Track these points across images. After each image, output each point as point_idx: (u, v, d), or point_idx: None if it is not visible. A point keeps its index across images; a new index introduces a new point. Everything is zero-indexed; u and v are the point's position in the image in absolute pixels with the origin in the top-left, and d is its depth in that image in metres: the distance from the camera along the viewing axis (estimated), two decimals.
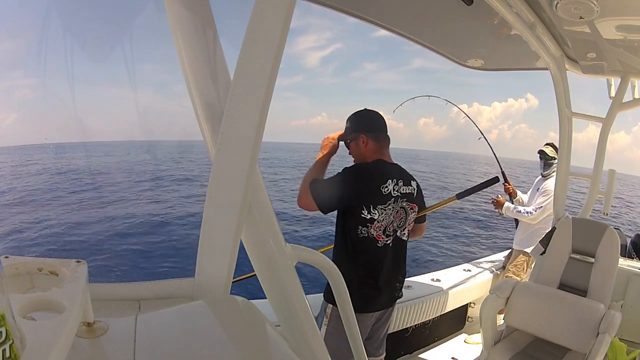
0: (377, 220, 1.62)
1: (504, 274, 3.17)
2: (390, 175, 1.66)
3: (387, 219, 1.65)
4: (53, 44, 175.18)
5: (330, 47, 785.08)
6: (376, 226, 1.62)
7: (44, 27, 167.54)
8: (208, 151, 0.69)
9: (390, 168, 1.71)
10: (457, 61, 2.52)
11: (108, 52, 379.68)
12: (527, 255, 3.10)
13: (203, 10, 0.67)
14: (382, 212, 1.62)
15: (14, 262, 0.44)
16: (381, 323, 1.83)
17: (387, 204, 1.63)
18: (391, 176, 1.66)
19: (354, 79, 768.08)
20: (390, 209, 1.65)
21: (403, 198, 1.69)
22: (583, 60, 2.30)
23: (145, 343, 0.52)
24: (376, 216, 1.61)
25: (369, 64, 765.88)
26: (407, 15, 1.92)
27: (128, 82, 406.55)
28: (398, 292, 1.82)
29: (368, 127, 1.72)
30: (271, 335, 0.63)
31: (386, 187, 1.62)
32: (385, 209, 1.63)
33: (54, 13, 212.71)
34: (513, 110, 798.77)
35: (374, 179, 1.63)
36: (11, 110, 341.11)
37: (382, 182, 1.62)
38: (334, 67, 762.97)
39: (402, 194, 1.69)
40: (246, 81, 0.64)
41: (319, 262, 0.85)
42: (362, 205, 1.59)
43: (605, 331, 1.81)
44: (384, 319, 1.84)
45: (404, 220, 1.72)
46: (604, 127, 2.52)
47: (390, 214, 1.66)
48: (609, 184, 2.57)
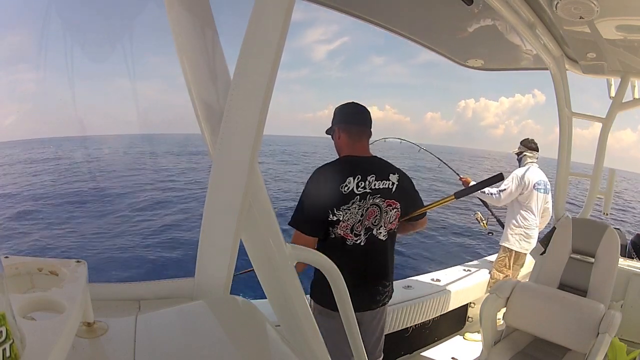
0: (342, 221, 1.56)
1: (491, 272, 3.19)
2: (353, 173, 1.56)
3: (354, 218, 1.57)
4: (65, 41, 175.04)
5: (337, 40, 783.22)
6: (342, 226, 1.56)
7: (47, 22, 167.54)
8: (208, 151, 0.69)
9: (357, 163, 1.61)
10: (457, 61, 2.52)
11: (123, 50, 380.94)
12: (507, 250, 3.13)
13: (203, 10, 0.67)
14: (346, 212, 1.55)
15: (14, 262, 0.44)
16: (367, 326, 1.72)
17: (350, 204, 1.55)
18: (354, 173, 1.56)
19: (361, 72, 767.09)
20: (356, 207, 1.56)
21: (375, 194, 1.59)
22: (583, 60, 2.30)
23: (145, 343, 0.52)
24: (341, 217, 1.55)
25: (376, 57, 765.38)
26: (407, 15, 1.92)
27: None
28: (381, 295, 1.70)
29: (342, 119, 1.67)
30: (271, 335, 0.63)
31: (346, 186, 1.55)
32: (350, 209, 1.56)
33: (56, 11, 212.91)
34: (520, 106, 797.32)
35: (331, 183, 1.56)
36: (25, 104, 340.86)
37: (341, 182, 1.55)
38: (341, 61, 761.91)
39: (373, 190, 1.58)
40: (246, 81, 0.64)
41: (319, 262, 0.85)
42: (327, 209, 1.54)
43: (605, 331, 1.81)
44: (371, 322, 1.72)
45: (378, 218, 1.61)
46: (604, 127, 2.52)
47: (357, 213, 1.57)
48: (609, 183, 2.57)
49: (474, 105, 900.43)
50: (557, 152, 2.53)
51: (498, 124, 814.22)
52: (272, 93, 0.66)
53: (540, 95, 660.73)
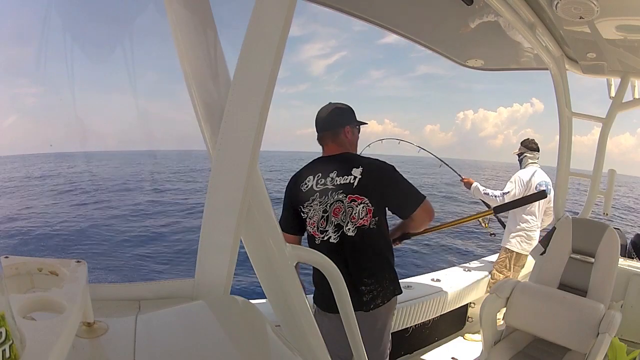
0: (309, 218, 1.64)
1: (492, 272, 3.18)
2: (314, 171, 1.64)
3: (317, 215, 1.62)
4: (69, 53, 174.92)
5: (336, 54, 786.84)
6: (309, 223, 1.64)
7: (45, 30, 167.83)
8: (208, 151, 0.69)
9: (322, 162, 1.68)
10: (457, 61, 2.52)
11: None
12: (508, 251, 3.12)
13: (203, 10, 0.67)
14: (309, 209, 1.63)
15: (14, 262, 0.44)
16: (368, 331, 1.54)
17: (310, 200, 1.63)
18: (314, 172, 1.64)
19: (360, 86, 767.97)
20: (317, 204, 1.61)
21: (338, 190, 1.59)
22: (583, 60, 2.30)
23: (145, 343, 0.52)
24: (306, 214, 1.64)
25: (374, 71, 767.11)
26: (407, 15, 1.92)
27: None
28: (366, 295, 1.59)
29: (316, 126, 1.74)
30: (271, 335, 0.63)
31: (305, 184, 1.64)
32: (312, 205, 1.63)
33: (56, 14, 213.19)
34: (518, 115, 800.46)
35: (294, 181, 1.69)
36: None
37: (300, 180, 1.65)
38: (340, 75, 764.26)
39: (336, 186, 1.59)
40: (246, 81, 0.64)
41: (319, 262, 0.85)
42: (297, 207, 1.66)
43: (605, 331, 1.81)
44: (369, 326, 1.61)
45: (344, 215, 1.59)
46: (604, 127, 2.52)
47: (319, 209, 1.61)
48: (609, 184, 2.58)
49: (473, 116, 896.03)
50: (557, 152, 2.53)
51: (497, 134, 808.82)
52: (273, 91, 0.66)
53: (538, 104, 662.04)
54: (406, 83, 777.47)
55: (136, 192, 18.57)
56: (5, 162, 45.28)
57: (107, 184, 22.14)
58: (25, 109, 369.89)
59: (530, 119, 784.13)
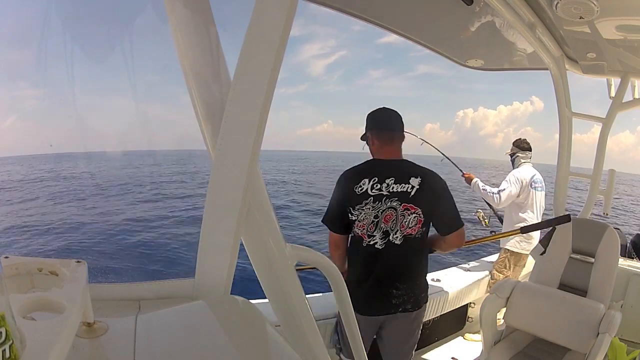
0: (358, 220, 1.62)
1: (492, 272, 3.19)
2: (370, 175, 1.61)
3: (367, 219, 1.61)
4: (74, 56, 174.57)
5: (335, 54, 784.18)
6: (358, 225, 1.63)
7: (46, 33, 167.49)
8: (208, 151, 0.69)
9: (378, 166, 1.65)
10: (457, 61, 2.52)
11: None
12: (508, 251, 3.12)
13: (203, 10, 0.67)
14: (360, 212, 1.61)
15: (14, 262, 0.44)
16: (390, 332, 1.73)
17: (363, 204, 1.60)
18: (370, 175, 1.60)
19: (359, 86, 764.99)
20: (369, 208, 1.60)
21: (392, 197, 1.59)
22: (583, 60, 2.30)
23: (145, 343, 0.52)
24: (356, 217, 1.62)
25: (374, 71, 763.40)
26: (407, 15, 1.92)
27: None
28: (396, 299, 1.66)
29: (372, 125, 1.72)
30: (271, 335, 0.63)
31: (360, 187, 1.60)
32: (363, 209, 1.60)
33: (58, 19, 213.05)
34: (518, 114, 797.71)
35: (348, 183, 1.63)
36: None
37: (355, 183, 1.61)
38: (339, 75, 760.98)
39: (391, 193, 1.59)
40: (246, 81, 0.64)
41: (319, 262, 0.85)
42: (346, 208, 1.63)
43: (605, 331, 1.81)
44: (393, 328, 1.72)
45: (395, 222, 1.61)
46: (604, 127, 2.52)
47: (370, 214, 1.60)
48: (609, 184, 2.57)
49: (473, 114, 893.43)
50: (557, 152, 2.53)
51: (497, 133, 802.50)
52: (273, 91, 0.66)
53: (538, 102, 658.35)
54: (406, 82, 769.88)
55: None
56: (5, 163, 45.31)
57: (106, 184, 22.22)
58: (25, 110, 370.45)
59: (530, 117, 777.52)
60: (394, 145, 1.68)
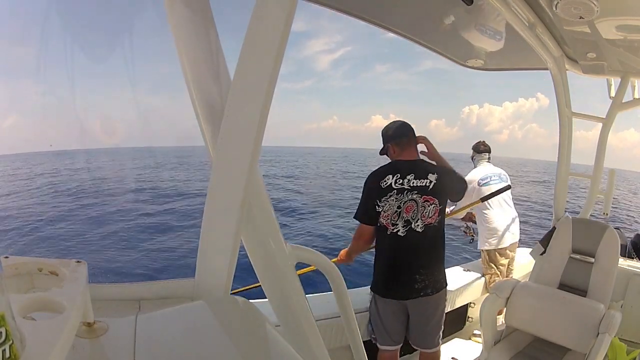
0: (383, 211, 1.85)
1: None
2: (393, 172, 1.86)
3: (391, 209, 1.84)
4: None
5: (341, 49, 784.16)
6: (383, 215, 1.85)
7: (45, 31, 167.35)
8: (208, 151, 0.69)
9: (399, 165, 1.89)
10: (457, 61, 2.52)
11: None
12: (483, 251, 3.15)
13: (203, 10, 0.67)
14: (385, 204, 1.85)
15: (14, 262, 0.44)
16: (415, 315, 1.94)
17: (388, 196, 1.84)
18: (394, 172, 1.86)
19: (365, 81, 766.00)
20: (393, 199, 1.84)
21: (412, 191, 1.85)
22: (583, 60, 2.29)
23: (145, 343, 0.51)
24: (382, 208, 1.85)
25: (379, 65, 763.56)
26: (407, 15, 1.92)
27: None
28: (419, 284, 1.87)
29: (389, 137, 1.97)
30: (271, 336, 0.63)
31: (384, 181, 1.85)
32: (388, 200, 1.85)
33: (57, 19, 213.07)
34: (524, 110, 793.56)
35: (374, 179, 1.88)
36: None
37: (380, 178, 1.86)
38: (345, 70, 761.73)
39: (411, 187, 1.85)
40: (246, 81, 0.64)
41: (319, 262, 0.85)
42: (374, 201, 1.86)
43: (605, 331, 1.81)
44: (417, 311, 1.94)
45: (415, 212, 1.86)
46: (604, 127, 2.52)
47: (394, 205, 1.84)
48: (609, 184, 2.57)
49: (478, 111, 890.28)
50: (557, 152, 2.53)
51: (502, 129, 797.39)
52: (273, 91, 0.66)
53: (543, 99, 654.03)
54: (411, 78, 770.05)
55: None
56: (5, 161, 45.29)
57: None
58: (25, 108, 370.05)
59: (536, 113, 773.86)
60: (411, 148, 1.95)
